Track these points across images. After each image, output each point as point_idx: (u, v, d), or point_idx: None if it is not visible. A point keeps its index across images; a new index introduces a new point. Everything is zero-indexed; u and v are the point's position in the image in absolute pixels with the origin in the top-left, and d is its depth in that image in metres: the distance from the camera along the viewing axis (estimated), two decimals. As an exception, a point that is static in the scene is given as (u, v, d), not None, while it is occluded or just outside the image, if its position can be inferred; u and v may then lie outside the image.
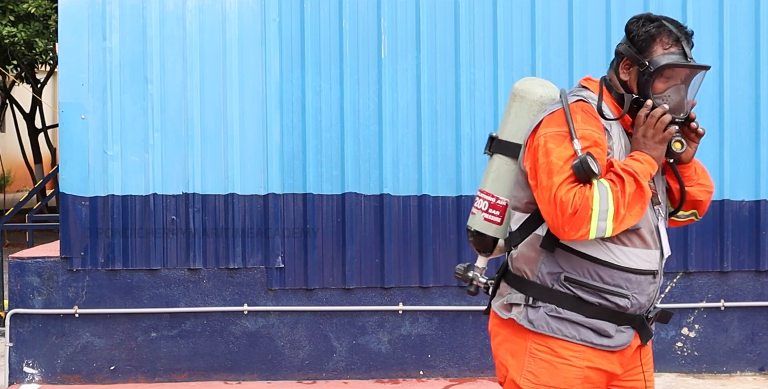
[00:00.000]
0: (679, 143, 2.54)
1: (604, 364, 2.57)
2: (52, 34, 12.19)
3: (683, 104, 2.57)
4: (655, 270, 2.57)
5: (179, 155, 5.54)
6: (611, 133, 2.57)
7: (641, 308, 2.57)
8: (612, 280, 2.52)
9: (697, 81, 2.61)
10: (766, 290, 5.71)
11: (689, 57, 2.57)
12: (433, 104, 5.58)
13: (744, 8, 5.64)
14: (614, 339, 2.55)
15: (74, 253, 5.52)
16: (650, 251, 2.56)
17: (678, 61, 2.55)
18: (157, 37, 5.54)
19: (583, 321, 2.54)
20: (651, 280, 2.56)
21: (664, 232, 2.61)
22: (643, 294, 2.55)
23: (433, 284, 5.60)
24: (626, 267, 2.52)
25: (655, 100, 2.54)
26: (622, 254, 2.52)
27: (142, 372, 5.59)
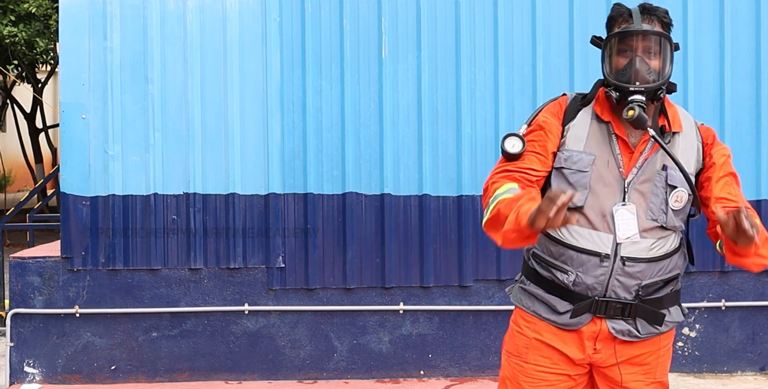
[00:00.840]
0: (632, 110, 2.57)
1: (554, 341, 2.70)
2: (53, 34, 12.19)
3: (639, 74, 2.59)
4: (603, 253, 2.61)
5: (180, 155, 5.55)
6: (574, 122, 2.70)
7: (590, 289, 2.63)
8: (558, 255, 2.66)
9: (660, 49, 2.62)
10: (766, 290, 5.71)
11: (636, 27, 2.61)
12: (433, 104, 5.58)
13: (744, 9, 5.64)
14: (561, 317, 2.67)
15: (75, 253, 5.53)
16: (597, 232, 2.62)
17: (620, 30, 2.63)
18: (157, 36, 5.54)
19: (540, 294, 2.72)
20: (598, 262, 2.61)
21: (624, 219, 2.62)
22: (588, 275, 2.62)
23: (433, 284, 5.60)
24: (569, 244, 2.64)
25: (561, 186, 2.62)
26: (567, 231, 2.64)
27: (142, 372, 5.59)
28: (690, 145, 2.72)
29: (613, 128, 2.68)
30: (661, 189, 2.66)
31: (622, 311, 2.64)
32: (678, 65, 5.59)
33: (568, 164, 2.67)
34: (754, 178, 5.64)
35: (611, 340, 2.67)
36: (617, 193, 2.64)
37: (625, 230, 2.62)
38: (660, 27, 2.66)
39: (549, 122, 2.72)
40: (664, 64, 2.63)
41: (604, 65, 2.68)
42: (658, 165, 2.67)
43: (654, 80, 2.60)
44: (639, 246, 2.63)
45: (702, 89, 5.63)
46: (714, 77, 5.63)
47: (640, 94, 2.58)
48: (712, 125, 5.60)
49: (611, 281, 2.62)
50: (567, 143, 2.69)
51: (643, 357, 2.71)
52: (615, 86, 2.63)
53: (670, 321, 2.74)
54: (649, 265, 2.64)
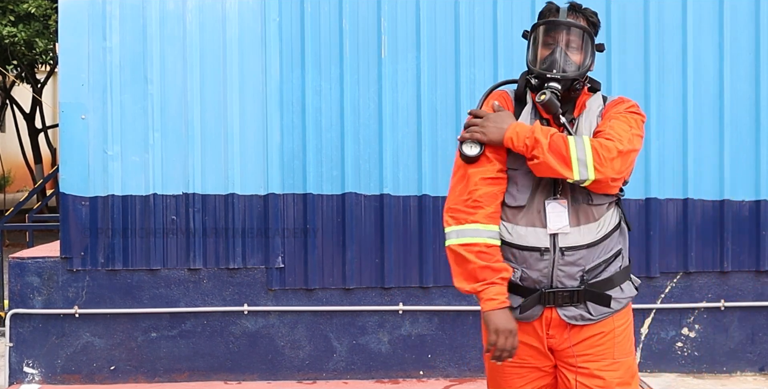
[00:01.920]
0: (543, 95, 2.69)
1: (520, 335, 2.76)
2: (53, 34, 12.19)
3: (556, 63, 2.70)
4: (541, 248, 2.71)
5: (179, 155, 5.54)
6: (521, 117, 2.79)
7: (537, 283, 2.73)
8: (506, 255, 2.77)
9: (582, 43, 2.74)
10: (766, 291, 5.71)
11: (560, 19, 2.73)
12: (433, 104, 5.58)
13: (744, 9, 5.64)
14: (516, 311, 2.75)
15: (74, 253, 5.52)
16: (534, 229, 2.73)
17: (543, 20, 2.76)
18: (157, 37, 5.53)
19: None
20: (538, 256, 2.71)
21: (555, 211, 2.71)
22: (532, 270, 2.72)
23: (433, 285, 5.60)
24: (511, 243, 2.75)
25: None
26: (507, 231, 2.75)
27: (142, 372, 5.59)
28: (592, 117, 2.79)
29: (541, 113, 2.78)
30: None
31: (571, 298, 2.72)
32: (678, 65, 5.60)
33: (516, 164, 2.76)
34: (754, 178, 5.64)
35: (564, 326, 2.74)
36: (550, 186, 2.74)
37: (556, 222, 2.70)
38: (585, 24, 2.78)
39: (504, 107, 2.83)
40: (584, 58, 2.75)
41: (528, 54, 2.79)
42: None
43: (572, 71, 2.71)
44: (577, 235, 2.71)
45: (702, 89, 5.63)
46: (714, 77, 5.63)
47: (556, 82, 2.69)
48: (712, 125, 5.64)
49: (555, 273, 2.71)
50: None
51: (596, 338, 2.76)
52: (536, 74, 2.74)
53: (622, 298, 2.79)
54: (589, 250, 2.72)
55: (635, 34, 5.57)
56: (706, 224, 5.61)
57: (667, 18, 5.58)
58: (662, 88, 5.59)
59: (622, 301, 2.79)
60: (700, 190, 5.59)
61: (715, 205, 5.62)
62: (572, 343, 2.74)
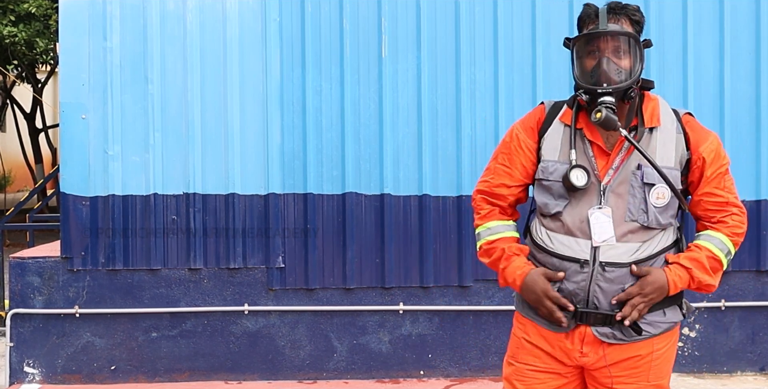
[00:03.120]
0: (599, 113, 2.53)
1: (540, 342, 2.72)
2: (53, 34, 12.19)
3: (606, 75, 2.57)
4: (582, 259, 2.60)
5: (180, 155, 5.55)
6: (549, 132, 2.72)
7: (573, 295, 2.62)
8: (543, 262, 2.69)
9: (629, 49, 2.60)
10: (766, 290, 5.71)
11: (601, 28, 2.58)
12: (433, 104, 5.58)
13: (744, 9, 5.64)
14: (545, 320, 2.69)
15: (75, 253, 5.53)
16: (575, 239, 2.63)
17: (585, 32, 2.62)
18: (157, 37, 5.54)
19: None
20: (578, 269, 2.60)
21: (599, 222, 2.61)
22: (570, 281, 2.62)
23: (433, 284, 5.60)
24: (551, 251, 2.66)
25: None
26: (548, 239, 2.68)
27: (142, 372, 5.59)
28: (669, 137, 2.66)
29: (585, 134, 2.67)
30: (639, 189, 2.62)
31: (604, 321, 2.62)
32: (678, 65, 5.60)
33: (545, 174, 2.69)
34: (754, 178, 5.64)
35: (599, 344, 2.64)
36: (594, 197, 2.63)
37: (601, 233, 2.60)
38: (629, 25, 2.63)
39: (520, 136, 2.77)
40: (634, 63, 2.59)
41: (574, 68, 2.66)
42: (633, 165, 2.63)
43: (623, 80, 2.57)
44: (619, 251, 2.60)
45: (702, 89, 5.63)
46: (714, 77, 5.63)
47: (609, 96, 2.55)
48: (712, 125, 5.63)
49: (592, 288, 2.60)
50: (543, 153, 2.72)
51: (634, 360, 2.67)
52: (584, 89, 2.61)
53: (662, 322, 2.68)
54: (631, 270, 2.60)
55: (635, 34, 5.56)
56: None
57: (667, 18, 5.58)
58: (662, 88, 5.58)
59: (661, 326, 2.68)
60: (700, 190, 5.58)
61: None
62: (608, 363, 2.65)
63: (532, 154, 2.75)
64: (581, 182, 2.60)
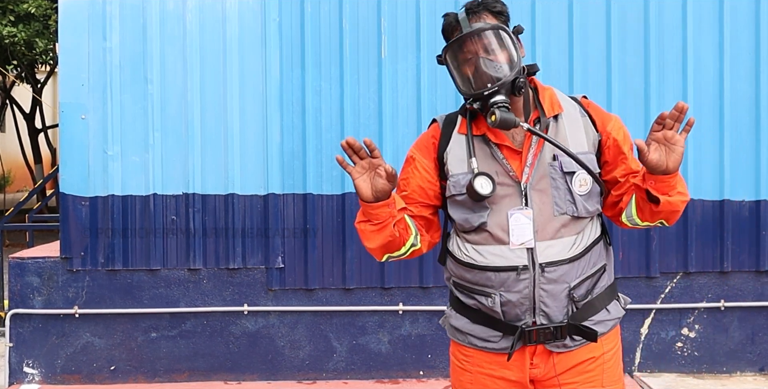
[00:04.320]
0: (493, 115, 2.40)
1: (496, 370, 2.55)
2: (53, 34, 12.19)
3: (488, 75, 2.44)
4: (520, 266, 2.45)
5: (179, 155, 5.54)
6: (450, 146, 2.59)
7: (518, 307, 2.46)
8: (476, 280, 2.52)
9: (500, 41, 2.46)
10: (766, 291, 5.71)
11: (464, 31, 2.48)
12: (433, 104, 5.57)
13: (744, 9, 5.63)
14: (498, 343, 2.53)
15: (74, 253, 5.53)
16: (505, 246, 2.47)
17: (450, 41, 2.52)
18: (157, 37, 5.54)
19: (463, 326, 2.59)
20: (516, 277, 2.45)
21: (519, 224, 2.47)
22: (511, 292, 2.46)
23: (433, 285, 5.60)
24: (483, 266, 2.49)
25: None
26: (477, 253, 2.51)
27: (142, 373, 5.59)
28: (576, 122, 2.55)
29: (490, 138, 2.54)
30: (560, 180, 2.50)
31: (554, 335, 2.48)
32: (678, 65, 5.60)
33: (457, 189, 2.52)
34: (753, 178, 5.64)
35: (548, 353, 2.52)
36: (518, 199, 2.49)
37: (519, 235, 2.46)
38: (493, 18, 2.50)
39: (415, 157, 2.63)
40: (510, 54, 2.45)
41: (455, 81, 2.53)
42: (548, 157, 2.51)
43: (505, 74, 2.43)
44: (556, 248, 2.47)
45: (702, 89, 5.63)
46: (714, 77, 5.63)
47: (498, 95, 2.41)
48: (712, 125, 5.64)
49: (537, 293, 2.45)
50: (450, 169, 2.56)
51: (584, 365, 2.54)
52: (473, 97, 2.48)
53: (609, 320, 2.56)
54: (571, 265, 2.47)
55: (635, 34, 5.57)
56: (706, 224, 5.61)
57: (667, 18, 5.58)
58: (662, 88, 5.59)
59: (608, 323, 2.55)
60: (700, 190, 5.59)
61: (715, 205, 5.62)
62: (557, 372, 2.51)
63: (431, 174, 2.60)
64: (486, 190, 2.44)
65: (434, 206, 2.64)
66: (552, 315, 2.48)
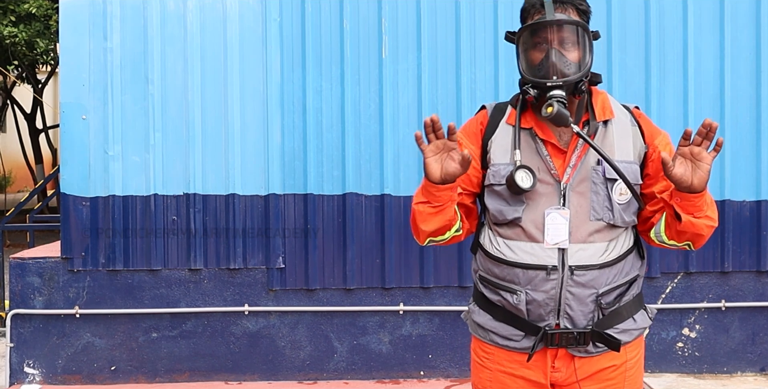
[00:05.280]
0: (550, 107, 2.38)
1: (516, 369, 2.53)
2: (53, 35, 12.19)
3: (556, 67, 2.42)
4: (549, 266, 2.43)
5: (180, 156, 5.55)
6: (495, 134, 2.54)
7: (542, 306, 2.44)
8: (503, 275, 2.49)
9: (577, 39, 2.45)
10: (767, 291, 5.71)
11: (548, 17, 2.44)
12: (434, 104, 5.58)
13: (744, 8, 5.64)
14: (519, 342, 2.50)
15: (75, 253, 5.53)
16: (538, 244, 2.44)
17: (531, 22, 2.46)
18: (158, 37, 5.54)
19: (486, 323, 2.57)
20: (545, 276, 2.43)
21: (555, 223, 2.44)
22: (538, 291, 2.43)
23: (434, 285, 5.60)
24: (512, 261, 2.47)
25: None
26: (508, 248, 2.48)
27: (142, 373, 5.59)
28: (625, 130, 2.54)
29: (537, 132, 2.51)
30: (601, 186, 2.47)
31: (576, 340, 2.45)
32: (678, 65, 5.60)
33: (497, 178, 2.49)
34: (754, 178, 5.64)
35: (570, 357, 2.49)
36: (555, 198, 2.46)
37: (554, 235, 2.43)
38: (576, 15, 2.49)
39: (462, 143, 2.52)
40: (583, 55, 2.45)
41: (519, 62, 2.50)
42: (592, 161, 2.48)
43: (573, 73, 2.42)
44: (588, 252, 2.44)
45: (702, 89, 5.63)
46: (714, 77, 5.63)
47: (559, 89, 2.39)
48: (712, 126, 5.63)
49: (563, 295, 2.43)
50: (492, 157, 2.52)
51: (607, 372, 2.52)
52: (532, 83, 2.45)
53: (634, 329, 2.54)
54: (602, 271, 2.44)
55: (635, 34, 5.57)
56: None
57: (667, 18, 5.58)
58: (662, 88, 5.59)
59: (633, 332, 2.53)
60: (700, 190, 5.58)
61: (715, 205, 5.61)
62: (579, 378, 2.49)
63: (476, 161, 2.55)
64: (527, 184, 2.42)
65: (475, 194, 2.61)
66: (576, 319, 2.46)
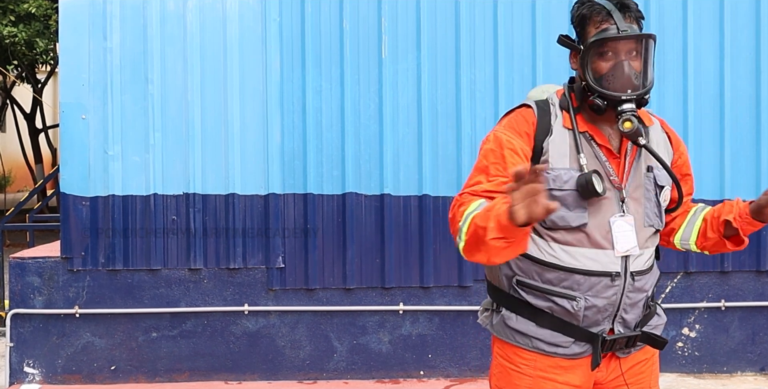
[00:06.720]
0: (629, 122, 2.35)
1: (560, 374, 2.48)
2: (53, 34, 12.20)
3: (629, 80, 2.37)
4: (612, 272, 2.41)
5: (180, 155, 5.55)
6: (552, 137, 2.45)
7: (601, 312, 2.43)
8: (559, 281, 2.42)
9: (646, 52, 2.41)
10: (766, 291, 5.71)
11: (621, 29, 2.37)
12: (433, 104, 5.58)
13: (744, 9, 5.64)
14: (568, 348, 2.46)
15: (75, 253, 5.53)
16: (602, 251, 2.42)
17: (605, 35, 2.38)
18: (157, 37, 5.54)
19: (533, 331, 2.47)
20: (608, 283, 2.41)
21: (622, 231, 2.43)
22: (599, 297, 2.41)
23: (433, 285, 5.60)
24: (572, 268, 2.41)
25: (546, 171, 2.36)
26: (566, 254, 2.42)
27: (142, 372, 5.59)
28: (660, 137, 2.56)
29: (593, 137, 2.47)
30: (653, 192, 2.50)
31: (626, 344, 2.49)
32: (678, 65, 5.60)
33: (557, 184, 2.42)
34: (753, 178, 5.64)
35: (611, 357, 2.52)
36: (616, 205, 2.44)
37: (623, 243, 2.42)
38: (636, 23, 2.44)
39: (514, 143, 2.43)
40: (648, 67, 2.42)
41: (587, 71, 2.42)
42: (643, 167, 2.49)
43: (642, 85, 2.39)
44: (644, 258, 2.47)
45: (702, 89, 5.63)
46: (714, 77, 5.63)
47: (631, 103, 2.36)
48: (712, 125, 5.64)
49: (623, 300, 2.44)
50: (551, 161, 2.44)
51: (640, 366, 2.57)
52: (601, 94, 2.39)
53: (662, 324, 2.61)
54: (650, 275, 2.50)
55: (635, 34, 5.57)
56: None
57: (667, 18, 5.58)
58: (662, 88, 5.59)
59: (660, 327, 2.59)
60: (700, 190, 5.59)
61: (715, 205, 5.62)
62: (623, 370, 2.53)
63: (527, 161, 2.45)
64: (601, 188, 2.37)
65: None
66: (629, 322, 2.49)
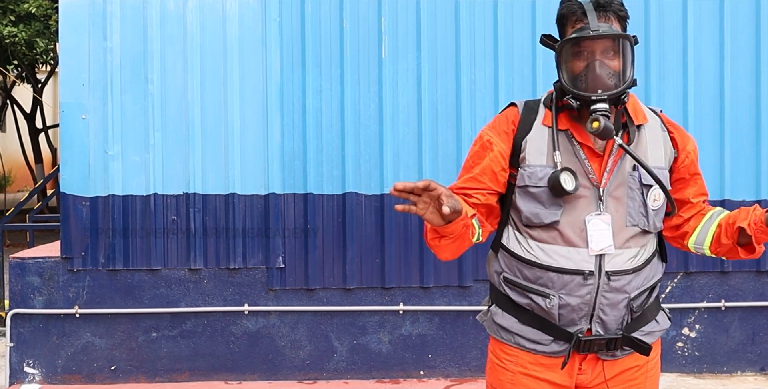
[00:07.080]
0: (597, 122, 2.32)
1: (540, 372, 2.50)
2: (53, 34, 12.19)
3: (601, 80, 2.35)
4: (586, 271, 2.40)
5: (180, 155, 5.55)
6: (531, 135, 2.47)
7: (575, 311, 2.42)
8: (535, 279, 2.45)
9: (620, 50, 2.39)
10: (766, 291, 5.71)
11: (593, 29, 2.35)
12: (433, 104, 5.58)
13: (744, 8, 5.64)
14: (548, 346, 2.48)
15: (75, 253, 5.53)
16: (575, 249, 2.41)
17: (575, 35, 2.37)
18: (157, 37, 5.54)
19: (512, 326, 2.52)
20: (582, 281, 2.40)
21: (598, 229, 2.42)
22: (572, 296, 2.41)
23: (433, 285, 5.60)
24: (546, 265, 2.43)
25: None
26: (542, 251, 2.44)
27: (142, 372, 5.59)
28: (657, 135, 2.52)
29: (573, 135, 2.46)
30: (637, 191, 2.46)
31: (607, 346, 2.45)
32: (678, 65, 5.60)
33: (533, 180, 2.44)
34: (754, 178, 5.64)
35: (596, 360, 2.49)
36: (593, 203, 2.43)
37: (598, 241, 2.40)
38: (617, 22, 2.42)
39: (492, 142, 2.49)
40: (626, 66, 2.39)
41: (560, 71, 2.42)
42: (628, 166, 2.46)
43: (616, 85, 2.36)
44: (623, 257, 2.43)
45: (702, 89, 5.63)
46: (714, 77, 5.63)
47: (603, 103, 2.34)
48: (712, 125, 5.64)
49: (598, 300, 2.41)
50: (527, 158, 2.46)
51: (630, 372, 2.53)
52: (573, 95, 2.38)
53: (657, 331, 2.56)
54: (634, 276, 2.44)
55: (635, 34, 5.56)
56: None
57: (667, 18, 5.58)
58: (662, 88, 5.59)
59: (656, 334, 2.55)
60: (700, 190, 5.59)
61: (715, 205, 5.60)
62: (607, 378, 2.49)
63: (505, 161, 2.49)
64: (570, 187, 2.38)
65: (499, 194, 2.54)
66: (608, 324, 2.46)
